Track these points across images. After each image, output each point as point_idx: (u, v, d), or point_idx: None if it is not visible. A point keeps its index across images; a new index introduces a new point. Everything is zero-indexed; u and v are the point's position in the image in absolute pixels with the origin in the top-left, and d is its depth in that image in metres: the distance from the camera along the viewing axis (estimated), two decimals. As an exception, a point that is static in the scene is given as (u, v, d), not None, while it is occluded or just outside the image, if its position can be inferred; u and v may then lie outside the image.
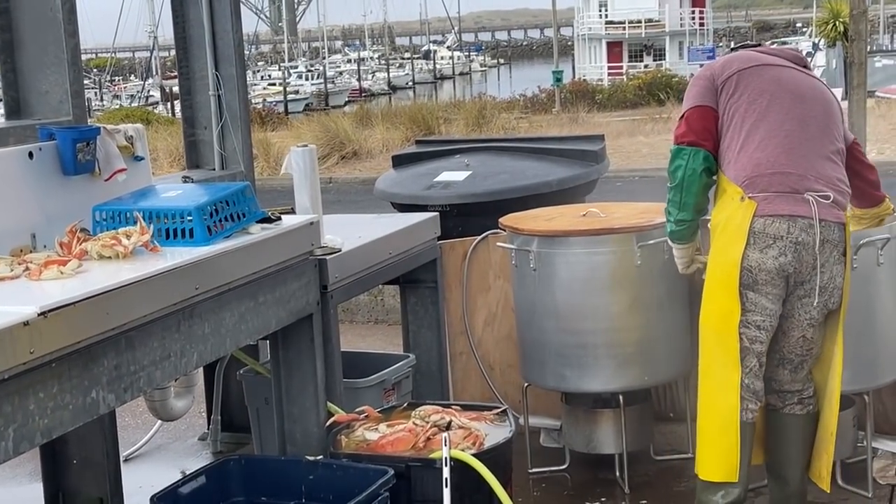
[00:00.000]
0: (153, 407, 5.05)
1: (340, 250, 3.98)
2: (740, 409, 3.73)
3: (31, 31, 4.03)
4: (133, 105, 45.82)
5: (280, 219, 3.65)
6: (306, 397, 3.82)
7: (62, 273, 2.96)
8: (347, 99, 54.65)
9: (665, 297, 4.37)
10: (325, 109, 41.64)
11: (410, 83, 68.69)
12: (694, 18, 54.39)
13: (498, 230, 4.84)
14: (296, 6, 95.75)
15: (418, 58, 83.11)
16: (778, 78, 3.81)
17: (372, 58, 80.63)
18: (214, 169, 5.05)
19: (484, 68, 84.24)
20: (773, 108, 3.75)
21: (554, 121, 24.51)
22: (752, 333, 3.72)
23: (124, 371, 2.88)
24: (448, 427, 3.73)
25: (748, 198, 3.67)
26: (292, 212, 4.00)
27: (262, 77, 62.48)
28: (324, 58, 75.27)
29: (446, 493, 3.40)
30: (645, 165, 16.61)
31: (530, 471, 4.65)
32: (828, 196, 3.67)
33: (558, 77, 30.85)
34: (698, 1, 55.50)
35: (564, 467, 4.69)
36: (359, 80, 64.23)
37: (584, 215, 4.63)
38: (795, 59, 3.95)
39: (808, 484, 3.96)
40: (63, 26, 3.99)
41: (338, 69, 69.06)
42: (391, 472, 3.43)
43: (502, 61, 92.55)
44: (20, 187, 3.40)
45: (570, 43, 65.13)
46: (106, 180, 3.69)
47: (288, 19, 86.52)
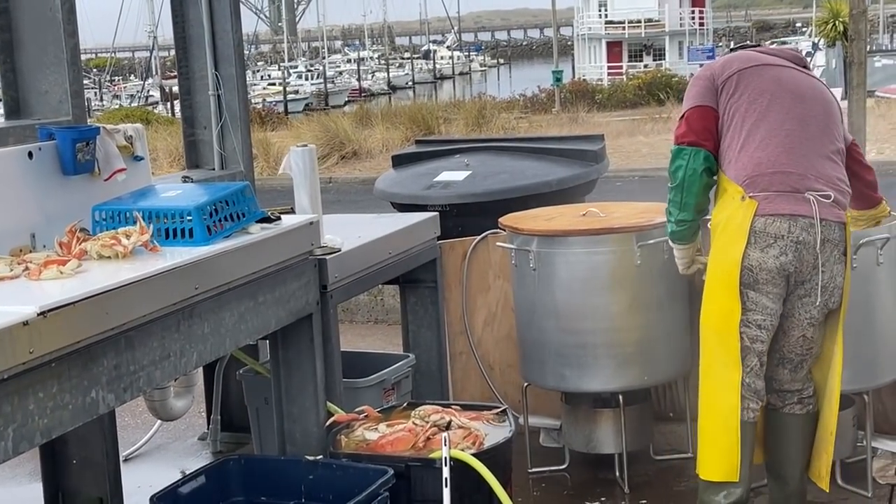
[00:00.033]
0: (153, 407, 5.05)
1: (340, 250, 3.98)
2: (741, 409, 3.73)
3: (31, 31, 4.03)
4: (133, 105, 45.83)
5: (280, 219, 3.65)
6: (306, 397, 3.82)
7: (62, 273, 2.96)
8: (347, 99, 54.64)
9: (665, 297, 4.37)
10: (325, 109, 41.61)
11: (410, 83, 68.68)
12: (694, 18, 54.38)
13: (498, 230, 4.84)
14: (295, 6, 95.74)
15: (418, 58, 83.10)
16: (778, 78, 3.81)
17: (372, 58, 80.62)
18: (214, 169, 5.05)
19: (484, 68, 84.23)
20: (774, 108, 3.75)
21: (554, 121, 24.51)
22: (753, 333, 3.72)
23: (124, 371, 2.87)
24: (448, 427, 3.72)
25: (749, 197, 3.68)
26: (292, 211, 3.99)
27: (262, 77, 62.50)
28: (323, 58, 75.25)
29: (446, 493, 3.40)
30: (645, 165, 16.62)
31: (530, 470, 4.65)
32: (828, 195, 3.67)
33: (558, 77, 30.83)
34: (698, 1, 55.50)
35: (564, 467, 4.69)
36: (358, 80, 64.22)
37: (584, 215, 4.62)
38: (795, 59, 3.95)
39: (808, 483, 3.96)
40: (62, 26, 3.99)
41: (337, 69, 69.05)
42: (391, 472, 3.43)
43: (502, 61, 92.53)
44: (20, 187, 3.40)
45: (570, 43, 65.11)
46: (105, 180, 3.69)
47: (287, 19, 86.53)
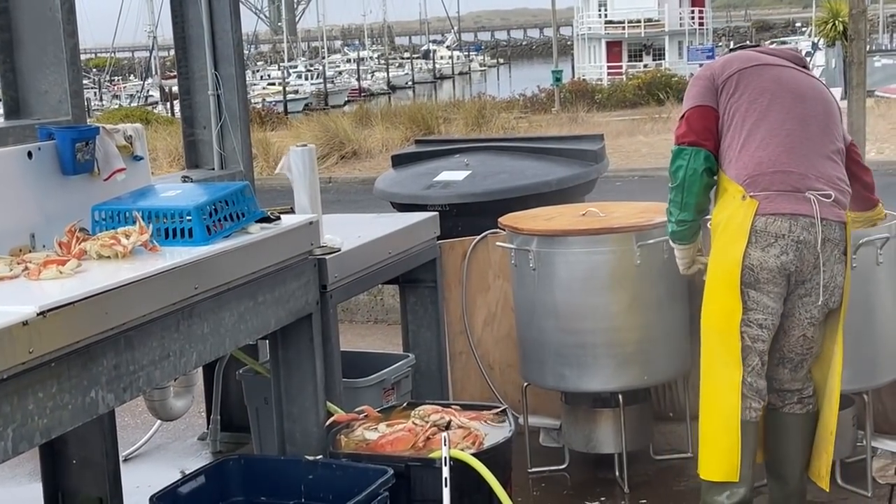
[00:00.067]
0: (152, 407, 5.05)
1: (340, 250, 3.98)
2: (742, 409, 3.73)
3: (31, 31, 4.03)
4: (132, 105, 45.84)
5: (279, 218, 3.65)
6: (306, 397, 3.82)
7: (61, 273, 2.96)
8: (347, 99, 54.63)
9: (664, 297, 4.37)
10: (325, 109, 41.60)
11: (410, 83, 68.69)
12: (693, 18, 54.37)
13: (497, 230, 4.84)
14: (295, 6, 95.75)
15: (418, 57, 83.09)
16: (778, 77, 3.81)
17: (371, 57, 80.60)
18: (214, 169, 5.05)
19: (483, 68, 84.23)
20: (774, 108, 3.75)
21: (553, 120, 24.50)
22: (754, 332, 3.72)
23: (123, 371, 2.87)
24: (447, 427, 3.72)
25: (749, 197, 3.67)
26: (291, 211, 3.99)
27: (262, 77, 62.51)
28: (323, 57, 75.24)
29: (446, 493, 3.40)
30: (644, 165, 16.63)
31: (530, 470, 4.65)
32: (829, 195, 3.67)
33: (558, 77, 30.82)
34: (697, 0, 55.49)
35: (564, 467, 4.69)
36: (358, 80, 64.21)
37: (584, 215, 4.62)
38: (795, 59, 3.95)
39: (808, 483, 3.96)
40: (62, 26, 3.99)
41: (337, 69, 69.03)
42: (391, 472, 3.43)
43: (502, 61, 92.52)
44: (19, 187, 3.40)
45: (570, 43, 65.09)
46: (105, 180, 3.69)
47: (287, 19, 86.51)
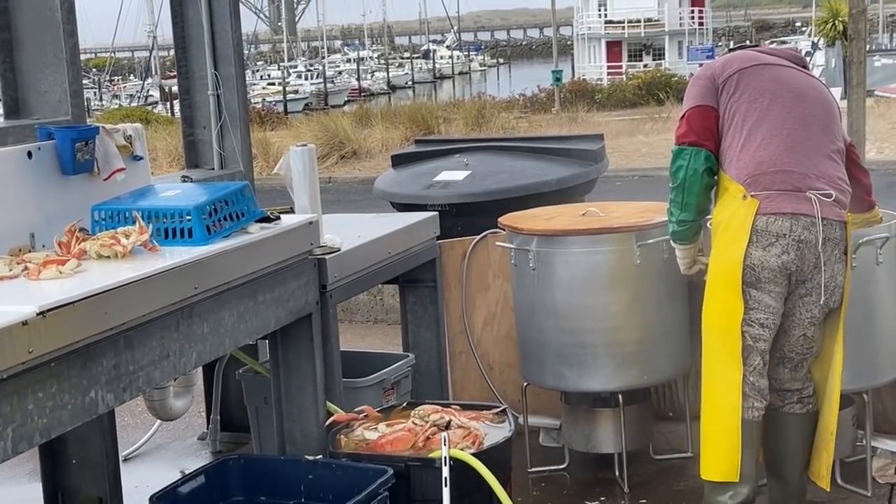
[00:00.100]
0: (152, 406, 5.05)
1: (339, 250, 3.98)
2: (744, 408, 3.72)
3: (30, 31, 4.03)
4: (132, 105, 45.82)
5: (279, 218, 3.65)
6: (305, 397, 3.82)
7: (61, 273, 2.96)
8: (347, 98, 54.61)
9: (664, 297, 4.36)
10: (325, 109, 41.58)
11: (410, 83, 68.67)
12: (693, 18, 54.35)
13: (497, 230, 4.84)
14: (295, 6, 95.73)
15: (417, 57, 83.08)
16: (779, 77, 3.81)
17: (371, 57, 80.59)
18: (213, 168, 5.05)
19: (483, 68, 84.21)
20: (775, 107, 3.75)
21: (553, 120, 24.51)
22: (756, 332, 3.71)
23: (123, 371, 2.87)
24: (447, 426, 3.72)
25: (750, 196, 3.67)
26: (291, 211, 3.99)
27: (262, 77, 62.50)
28: (323, 57, 75.20)
29: (446, 493, 3.40)
30: (644, 165, 16.63)
31: (530, 470, 4.65)
32: (830, 194, 3.67)
33: (557, 76, 30.82)
34: (697, 0, 55.49)
35: (564, 466, 4.69)
36: (358, 80, 64.19)
37: (584, 215, 4.62)
38: (794, 59, 3.95)
39: (808, 483, 3.96)
40: (62, 26, 3.99)
41: (337, 69, 68.99)
42: (390, 472, 3.43)
43: (501, 61, 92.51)
44: (19, 187, 3.40)
45: (570, 42, 65.08)
46: (105, 180, 3.69)
47: (287, 19, 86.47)
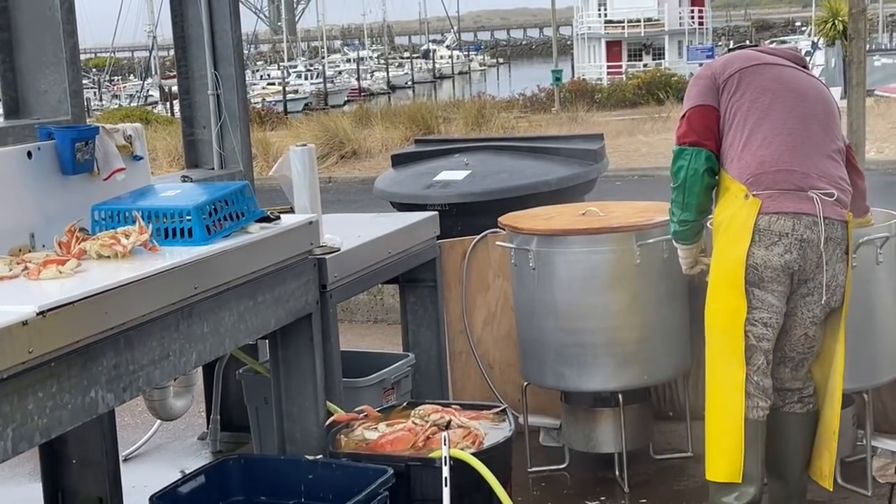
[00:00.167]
0: (152, 406, 5.05)
1: (339, 249, 3.98)
2: (748, 408, 3.72)
3: (30, 31, 4.02)
4: (132, 105, 45.83)
5: (279, 218, 3.64)
6: (305, 397, 3.82)
7: (61, 272, 2.96)
8: (346, 98, 54.61)
9: (664, 296, 4.36)
10: (325, 109, 41.59)
11: (409, 83, 68.68)
12: (693, 17, 54.36)
13: (497, 229, 4.84)
14: (295, 6, 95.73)
15: (417, 57, 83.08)
16: (779, 77, 3.81)
17: (371, 57, 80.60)
18: (213, 168, 5.05)
19: (483, 68, 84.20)
20: (776, 107, 3.74)
21: (553, 120, 24.51)
22: (759, 331, 3.71)
23: (123, 370, 2.87)
24: (447, 426, 3.72)
25: (752, 195, 3.67)
26: (291, 211, 3.99)
27: (262, 77, 62.50)
28: (323, 57, 75.22)
29: (446, 493, 3.40)
30: (644, 165, 16.64)
31: (530, 470, 4.65)
32: (831, 194, 3.67)
33: (557, 76, 30.83)
34: (697, 0, 55.48)
35: (564, 466, 4.69)
36: (358, 80, 64.20)
37: (584, 214, 4.62)
38: (795, 59, 3.95)
39: (809, 482, 3.96)
40: (62, 26, 3.99)
41: (337, 69, 69.00)
42: (390, 472, 3.43)
43: (501, 61, 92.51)
44: (19, 187, 3.40)
45: (570, 42, 65.08)
46: (105, 180, 3.69)
47: (287, 19, 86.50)
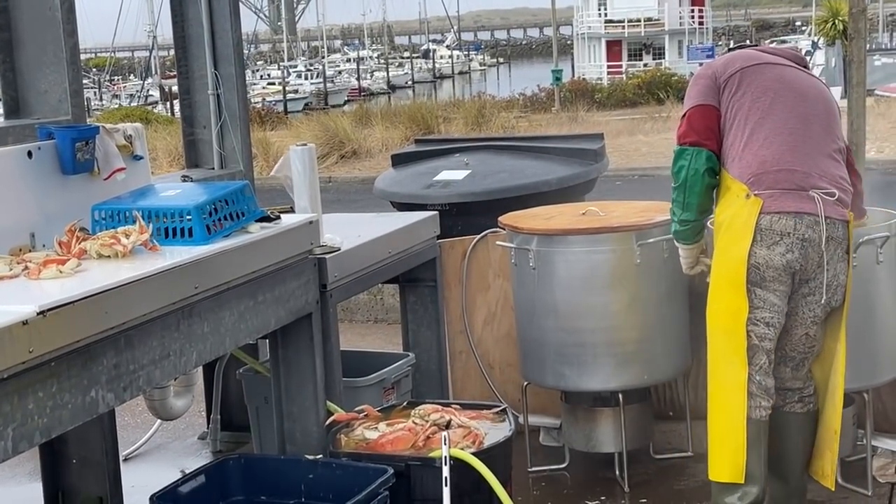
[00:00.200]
0: (152, 406, 5.05)
1: (340, 249, 3.98)
2: (751, 407, 3.71)
3: (30, 31, 4.02)
4: (132, 104, 45.81)
5: (279, 218, 3.65)
6: (306, 396, 3.82)
7: (61, 272, 2.96)
8: (347, 98, 54.61)
9: (665, 296, 4.36)
10: (325, 109, 41.58)
11: (410, 82, 68.67)
12: (693, 17, 54.36)
13: (497, 229, 4.84)
14: (295, 5, 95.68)
15: (417, 57, 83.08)
16: (781, 76, 3.81)
17: (371, 57, 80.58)
18: (213, 168, 5.05)
19: (483, 67, 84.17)
20: (777, 106, 3.74)
21: (553, 120, 24.51)
22: (761, 331, 3.70)
23: (123, 370, 2.87)
24: (448, 426, 3.72)
25: (754, 195, 3.66)
26: (291, 211, 3.99)
27: (262, 76, 62.51)
28: (323, 57, 75.21)
29: (446, 492, 3.40)
30: (644, 164, 16.63)
31: (530, 469, 4.65)
32: (833, 193, 3.67)
33: (558, 76, 30.82)
34: (697, 0, 55.49)
35: (564, 466, 4.69)
36: (358, 80, 64.19)
37: (584, 214, 4.62)
38: (795, 59, 3.95)
39: (809, 482, 3.96)
40: (62, 25, 3.99)
41: (337, 68, 68.99)
42: (391, 471, 3.43)
43: (501, 60, 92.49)
44: (19, 187, 3.40)
45: (570, 42, 65.09)
46: (105, 179, 3.69)
47: (287, 18, 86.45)
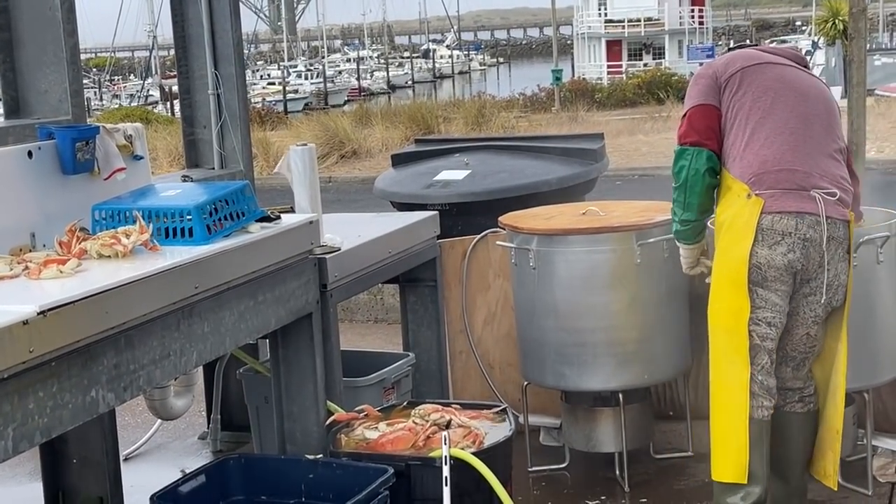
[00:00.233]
0: (153, 406, 5.05)
1: (340, 249, 3.98)
2: (753, 407, 3.71)
3: (30, 30, 4.03)
4: (132, 104, 45.80)
5: (279, 218, 3.65)
6: (306, 396, 3.82)
7: (61, 272, 2.96)
8: (347, 98, 54.61)
9: (665, 296, 4.37)
10: (325, 109, 41.58)
11: (410, 82, 68.68)
12: (693, 17, 54.34)
13: (497, 229, 4.84)
14: (295, 5, 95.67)
15: (417, 57, 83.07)
16: (781, 76, 3.81)
17: (371, 57, 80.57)
18: (214, 168, 5.05)
19: (483, 67, 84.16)
20: (778, 106, 3.74)
21: (553, 119, 24.51)
22: (763, 331, 3.70)
23: (124, 370, 2.87)
24: (448, 426, 3.72)
25: (755, 195, 3.66)
26: (292, 211, 4.00)
27: (262, 76, 62.51)
28: (323, 57, 75.20)
29: (446, 492, 3.40)
30: (644, 164, 16.63)
31: (530, 469, 4.65)
32: (833, 193, 3.66)
33: (558, 76, 30.80)
34: (697, -1, 55.54)
35: (564, 466, 4.69)
36: (358, 80, 64.18)
37: (584, 214, 4.62)
38: (795, 59, 3.95)
39: (810, 482, 3.96)
40: (62, 25, 3.99)
41: (337, 68, 68.97)
42: (391, 471, 3.43)
43: (501, 60, 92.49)
44: (19, 186, 3.40)
45: (570, 42, 65.09)
46: (105, 179, 3.69)
47: (287, 18, 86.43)
